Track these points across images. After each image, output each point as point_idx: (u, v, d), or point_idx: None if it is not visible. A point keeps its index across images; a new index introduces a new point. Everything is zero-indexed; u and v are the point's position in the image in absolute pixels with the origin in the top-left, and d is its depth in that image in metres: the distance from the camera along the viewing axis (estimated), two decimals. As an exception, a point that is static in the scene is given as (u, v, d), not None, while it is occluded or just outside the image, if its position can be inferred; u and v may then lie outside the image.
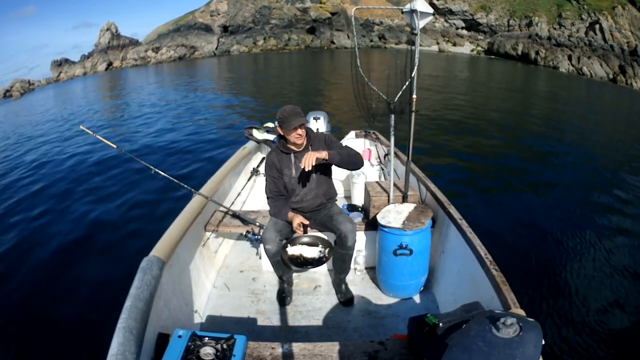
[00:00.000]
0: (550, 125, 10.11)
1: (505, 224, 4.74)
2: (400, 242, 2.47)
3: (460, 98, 13.75)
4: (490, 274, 1.95)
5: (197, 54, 42.56)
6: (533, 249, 4.16)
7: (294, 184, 2.52)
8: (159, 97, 17.62)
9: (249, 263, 3.11)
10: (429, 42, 36.03)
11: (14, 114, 20.17)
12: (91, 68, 42.19)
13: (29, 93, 32.75)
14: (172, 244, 2.16)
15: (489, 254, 2.10)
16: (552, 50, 25.31)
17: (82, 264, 4.20)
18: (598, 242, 4.36)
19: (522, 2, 33.09)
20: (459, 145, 8.26)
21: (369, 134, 4.52)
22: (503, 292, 1.80)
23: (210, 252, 2.93)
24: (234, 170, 3.58)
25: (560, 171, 6.81)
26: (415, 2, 2.27)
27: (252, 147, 4.09)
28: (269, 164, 2.54)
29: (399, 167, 3.42)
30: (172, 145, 8.81)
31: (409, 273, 2.57)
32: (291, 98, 13.68)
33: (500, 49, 28.38)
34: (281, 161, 2.50)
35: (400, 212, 2.60)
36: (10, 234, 5.20)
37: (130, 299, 1.61)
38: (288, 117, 2.33)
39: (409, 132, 2.62)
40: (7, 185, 7.49)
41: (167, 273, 2.01)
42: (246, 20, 43.90)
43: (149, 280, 1.76)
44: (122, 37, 47.18)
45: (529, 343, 1.19)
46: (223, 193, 3.25)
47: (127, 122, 12.55)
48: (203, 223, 2.81)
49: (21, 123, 16.08)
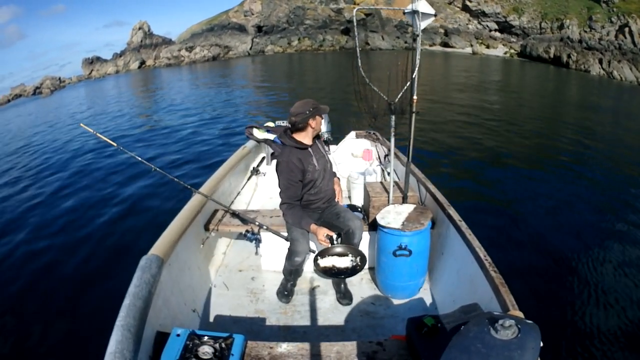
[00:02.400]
0: (576, 131, 9.72)
1: (506, 225, 4.74)
2: (400, 243, 2.47)
3: (490, 100, 13.43)
4: (489, 275, 1.95)
5: (231, 53, 42.15)
6: (532, 252, 4.16)
7: (318, 175, 2.45)
8: (191, 96, 17.57)
9: (248, 262, 3.11)
10: (463, 44, 35.73)
11: (31, 114, 20.06)
12: (124, 66, 41.93)
13: (59, 90, 32.63)
14: (171, 242, 2.16)
15: (488, 256, 2.10)
16: (583, 54, 24.91)
17: (81, 262, 4.20)
18: (598, 245, 4.35)
19: (553, 4, 32.81)
20: (476, 145, 8.18)
21: (369, 135, 4.52)
22: (502, 294, 1.80)
23: (209, 251, 2.93)
24: (234, 170, 3.58)
25: (569, 173, 6.69)
26: (417, 3, 2.27)
27: (252, 147, 4.09)
28: (290, 167, 2.33)
29: (399, 167, 3.42)
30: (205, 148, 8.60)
31: (408, 274, 2.58)
32: (323, 97, 13.42)
33: (533, 52, 28.03)
34: (302, 159, 2.36)
35: (400, 212, 2.60)
36: (9, 234, 5.20)
37: (129, 297, 1.61)
38: (318, 106, 2.37)
39: (409, 133, 2.62)
40: (6, 184, 7.49)
41: (166, 272, 2.01)
42: (280, 20, 43.70)
43: (148, 279, 1.76)
44: (155, 36, 46.91)
45: (527, 345, 1.19)
46: (223, 192, 3.25)
47: (159, 119, 12.56)
48: (203, 222, 2.81)
49: (47, 120, 16.12)
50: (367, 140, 4.51)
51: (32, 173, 7.99)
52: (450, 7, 39.48)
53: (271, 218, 2.90)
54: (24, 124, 16.49)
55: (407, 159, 2.71)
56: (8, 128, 16.40)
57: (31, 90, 33.29)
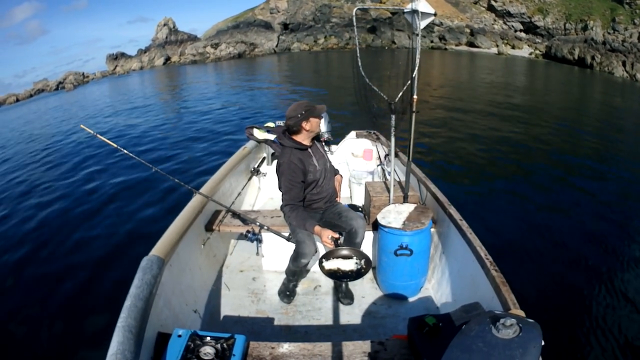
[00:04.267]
0: (596, 133, 9.49)
1: (506, 225, 4.74)
2: (401, 243, 2.47)
3: (513, 103, 12.98)
4: (490, 274, 1.95)
5: (256, 50, 41.93)
6: (534, 250, 4.15)
7: (320, 175, 2.46)
8: (218, 94, 17.59)
9: (249, 263, 3.11)
10: (488, 44, 35.56)
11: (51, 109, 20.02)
12: (148, 62, 42.04)
13: (82, 85, 32.68)
14: (172, 243, 2.16)
15: (489, 255, 2.10)
16: (606, 56, 24.52)
17: (82, 263, 4.20)
18: (600, 243, 4.35)
19: (577, 5, 32.58)
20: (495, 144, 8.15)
21: (370, 134, 4.52)
22: (503, 293, 1.80)
23: (210, 251, 2.93)
24: (235, 170, 3.58)
25: (575, 175, 6.60)
26: (417, 2, 2.27)
27: (253, 147, 4.09)
28: (292, 168, 2.32)
29: (400, 167, 3.42)
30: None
31: (409, 273, 2.58)
32: (348, 96, 13.27)
33: (558, 53, 27.61)
34: (302, 160, 2.37)
35: (401, 212, 2.60)
36: (7, 233, 5.21)
37: (130, 298, 1.61)
38: (314, 107, 2.34)
39: (409, 133, 2.61)
40: (5, 186, 7.51)
41: (167, 272, 2.01)
42: (306, 18, 43.69)
43: (149, 280, 1.76)
44: (180, 32, 46.88)
45: (528, 344, 1.19)
46: (223, 193, 3.25)
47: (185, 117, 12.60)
48: (203, 222, 2.81)
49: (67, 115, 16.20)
50: (368, 140, 4.51)
51: (32, 173, 8.01)
52: (475, 6, 39.41)
53: (272, 218, 2.90)
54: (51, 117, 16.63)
55: (408, 159, 2.71)
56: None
57: (54, 85, 33.46)
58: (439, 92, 15.18)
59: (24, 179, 7.75)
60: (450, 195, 2.81)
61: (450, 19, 39.72)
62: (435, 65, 26.04)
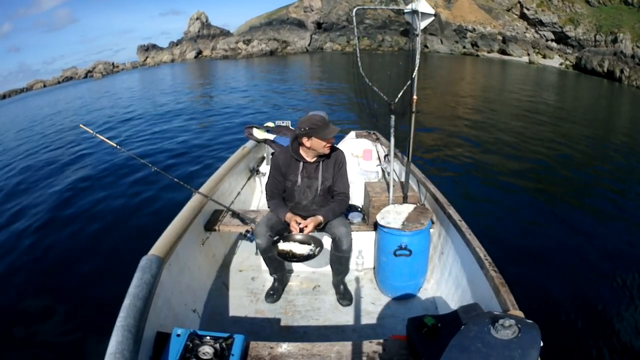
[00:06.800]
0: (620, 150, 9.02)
1: (506, 225, 4.74)
2: (400, 243, 2.47)
3: (539, 118, 12.15)
4: (489, 275, 1.95)
5: (288, 48, 41.63)
6: (533, 251, 4.16)
7: (297, 191, 2.47)
8: (249, 91, 17.57)
9: (248, 262, 3.11)
10: (520, 52, 34.70)
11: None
12: (179, 55, 41.94)
13: (111, 75, 32.46)
14: (171, 242, 2.16)
15: (488, 256, 2.10)
16: (635, 69, 23.91)
17: (81, 262, 4.19)
18: (600, 244, 4.36)
19: (607, 17, 31.99)
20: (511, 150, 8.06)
21: (369, 134, 4.52)
22: (502, 294, 1.80)
23: (209, 251, 2.93)
24: (234, 170, 3.58)
25: (578, 180, 6.59)
26: (417, 3, 2.27)
27: (252, 147, 4.09)
28: (275, 163, 2.45)
29: (399, 167, 3.42)
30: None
31: (408, 274, 2.58)
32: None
33: (587, 65, 26.94)
34: (288, 166, 2.42)
35: (400, 212, 2.60)
36: (6, 233, 5.20)
37: (129, 297, 1.61)
38: (323, 127, 2.22)
39: (409, 133, 2.62)
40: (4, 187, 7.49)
41: (166, 272, 2.01)
42: (340, 18, 43.35)
43: (148, 279, 1.76)
44: (213, 27, 46.66)
45: (527, 345, 1.19)
46: (223, 192, 3.25)
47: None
48: (203, 222, 2.81)
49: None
50: (367, 140, 4.51)
51: (32, 172, 8.00)
52: (508, 14, 38.68)
53: (271, 218, 2.89)
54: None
55: (407, 159, 2.72)
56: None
57: (83, 73, 33.67)
58: (465, 93, 14.91)
59: (14, 175, 7.74)
60: (449, 195, 2.82)
61: (483, 25, 38.85)
62: (467, 72, 25.47)
